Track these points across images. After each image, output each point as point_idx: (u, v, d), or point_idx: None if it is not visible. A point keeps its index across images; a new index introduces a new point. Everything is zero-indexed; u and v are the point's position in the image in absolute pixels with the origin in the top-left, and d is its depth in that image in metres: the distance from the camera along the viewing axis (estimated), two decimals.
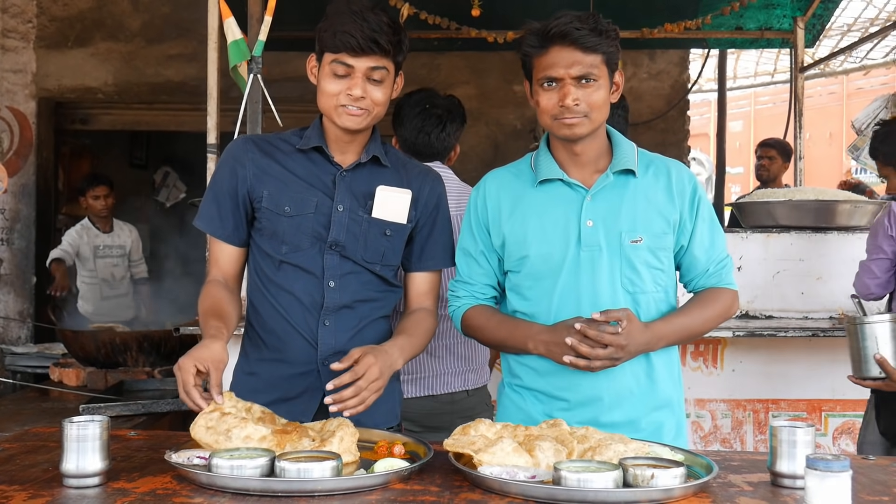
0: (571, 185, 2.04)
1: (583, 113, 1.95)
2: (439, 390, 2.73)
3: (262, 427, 1.71)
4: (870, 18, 11.04)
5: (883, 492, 1.60)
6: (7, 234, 6.75)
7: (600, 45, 1.93)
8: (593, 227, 2.00)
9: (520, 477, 1.57)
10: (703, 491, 1.57)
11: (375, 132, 2.13)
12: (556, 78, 1.94)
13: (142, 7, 6.84)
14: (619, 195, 2.03)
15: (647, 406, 2.04)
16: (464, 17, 5.29)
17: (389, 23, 1.98)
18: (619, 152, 2.05)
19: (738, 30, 6.06)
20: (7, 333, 6.69)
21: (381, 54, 1.96)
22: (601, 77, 1.95)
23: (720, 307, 2.09)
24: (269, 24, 3.36)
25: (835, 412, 3.82)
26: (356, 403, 1.84)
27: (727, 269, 2.12)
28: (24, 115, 6.75)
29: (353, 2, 1.98)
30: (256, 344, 2.15)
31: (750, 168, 6.91)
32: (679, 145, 7.32)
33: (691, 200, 2.06)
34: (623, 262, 2.00)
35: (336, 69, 1.97)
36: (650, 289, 2.03)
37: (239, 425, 1.70)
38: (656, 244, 2.02)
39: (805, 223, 3.91)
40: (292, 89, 5.54)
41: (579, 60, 1.92)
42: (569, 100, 1.92)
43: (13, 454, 1.80)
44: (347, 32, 1.94)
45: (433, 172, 2.22)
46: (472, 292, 2.15)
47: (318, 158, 2.09)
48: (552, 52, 1.94)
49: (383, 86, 2.01)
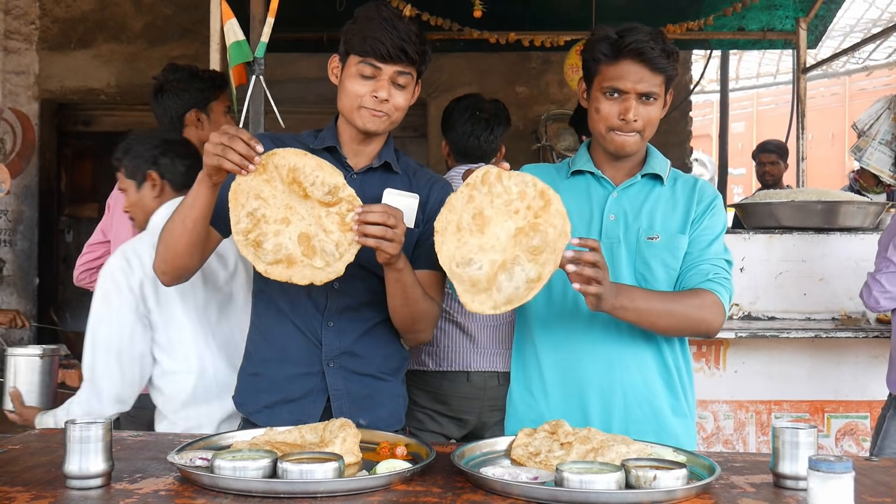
0: (600, 180, 2.11)
1: (639, 129, 2.02)
2: (473, 367, 2.91)
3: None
4: (872, 19, 11.05)
5: (886, 493, 1.60)
6: (10, 235, 6.77)
7: (667, 68, 2.00)
8: (615, 221, 2.06)
9: (522, 478, 1.57)
10: (706, 492, 1.57)
11: (389, 139, 2.15)
12: (621, 90, 1.99)
13: (144, 9, 6.86)
14: (644, 196, 2.09)
15: (663, 404, 2.05)
16: (466, 18, 5.30)
17: (417, 33, 2.02)
18: (652, 160, 2.12)
19: (740, 31, 6.06)
20: (10, 334, 6.69)
21: (407, 62, 2.00)
22: (661, 97, 2.03)
23: (694, 302, 1.98)
24: (271, 25, 3.36)
25: (837, 413, 3.82)
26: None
27: (720, 275, 2.04)
28: (26, 117, 6.77)
29: (382, 9, 2.01)
30: (260, 345, 2.15)
31: (752, 169, 6.91)
32: (681, 146, 7.32)
33: (706, 206, 2.09)
34: (638, 258, 2.04)
35: (363, 70, 2.00)
36: (664, 287, 2.05)
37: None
38: (672, 243, 2.05)
39: (807, 224, 3.91)
40: (294, 90, 5.55)
41: (647, 78, 1.99)
42: (630, 114, 1.99)
43: (16, 455, 1.81)
44: (378, 39, 1.97)
45: (442, 180, 2.23)
46: None
47: (330, 160, 2.07)
48: (623, 65, 1.99)
49: (406, 91, 2.04)
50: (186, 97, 3.02)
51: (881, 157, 4.85)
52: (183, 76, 3.03)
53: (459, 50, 6.34)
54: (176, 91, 3.02)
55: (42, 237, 6.87)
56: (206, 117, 3.05)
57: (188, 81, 3.03)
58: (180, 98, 3.02)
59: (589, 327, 2.04)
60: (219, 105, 3.09)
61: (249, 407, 2.14)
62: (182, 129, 3.03)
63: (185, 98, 3.02)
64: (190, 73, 3.05)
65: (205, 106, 3.05)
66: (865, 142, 4.83)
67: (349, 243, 1.87)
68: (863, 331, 3.65)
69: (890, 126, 4.81)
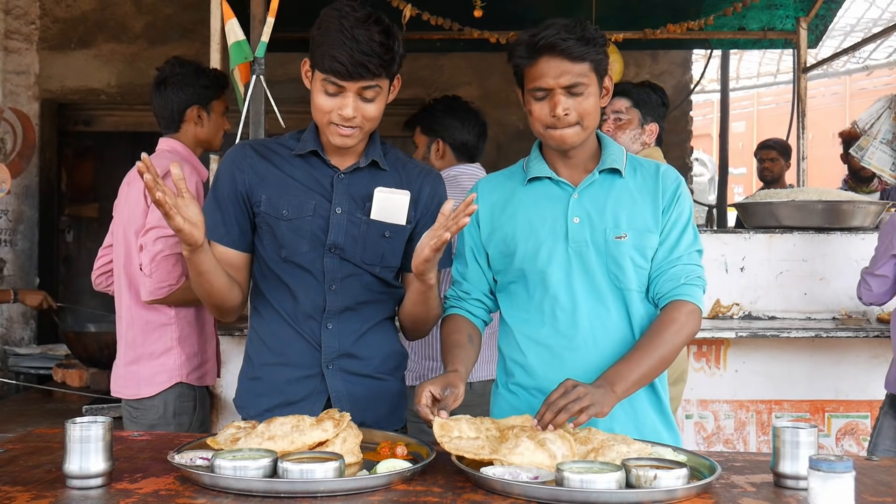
0: (559, 183, 2.06)
1: (574, 122, 1.97)
2: (475, 378, 2.85)
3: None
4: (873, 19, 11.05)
5: (886, 493, 1.60)
6: (10, 235, 6.76)
7: (588, 54, 1.94)
8: (580, 223, 2.02)
9: (522, 478, 1.57)
10: (706, 492, 1.57)
11: (374, 134, 2.11)
12: (546, 88, 1.96)
13: (144, 9, 6.85)
14: (605, 193, 2.05)
15: (643, 400, 2.05)
16: (466, 17, 5.30)
17: (381, 40, 1.91)
18: (607, 153, 2.08)
19: (740, 30, 6.05)
20: (10, 334, 6.69)
21: (370, 77, 1.93)
22: (591, 85, 1.97)
23: (672, 329, 1.94)
24: (271, 25, 3.36)
25: (838, 413, 3.82)
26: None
27: (691, 276, 2.01)
28: (27, 117, 6.76)
29: (344, 15, 1.91)
30: (259, 348, 2.14)
31: (752, 169, 6.91)
32: (682, 146, 7.31)
33: (671, 198, 2.05)
34: (609, 259, 2.01)
35: (327, 87, 1.95)
36: (635, 286, 2.03)
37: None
38: (641, 242, 2.02)
39: (808, 224, 3.91)
40: (294, 90, 5.53)
41: (567, 70, 1.94)
42: (559, 109, 1.95)
43: (16, 455, 1.81)
44: (335, 58, 1.89)
45: (434, 172, 2.21)
46: (461, 295, 2.16)
47: (315, 162, 2.09)
48: (541, 63, 1.95)
49: (376, 102, 1.99)
50: (190, 92, 2.99)
51: (882, 157, 4.84)
52: (188, 71, 3.00)
53: (459, 50, 6.34)
54: (180, 85, 2.98)
55: (42, 237, 6.86)
56: (206, 115, 3.02)
57: (193, 77, 3.00)
58: (183, 92, 2.98)
59: (574, 327, 2.02)
60: (219, 105, 3.07)
61: (250, 410, 2.13)
62: (181, 124, 3.00)
63: (188, 93, 2.98)
64: (195, 69, 3.02)
65: (207, 103, 3.02)
66: (867, 141, 4.82)
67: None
68: (863, 330, 3.65)
69: (891, 125, 4.80)
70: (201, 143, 3.06)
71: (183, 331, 2.89)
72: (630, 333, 2.03)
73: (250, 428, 1.78)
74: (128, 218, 2.89)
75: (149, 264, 2.75)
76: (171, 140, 3.01)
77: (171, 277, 2.75)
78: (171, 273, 2.75)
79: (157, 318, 2.87)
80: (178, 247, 2.76)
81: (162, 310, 2.86)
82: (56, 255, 7.12)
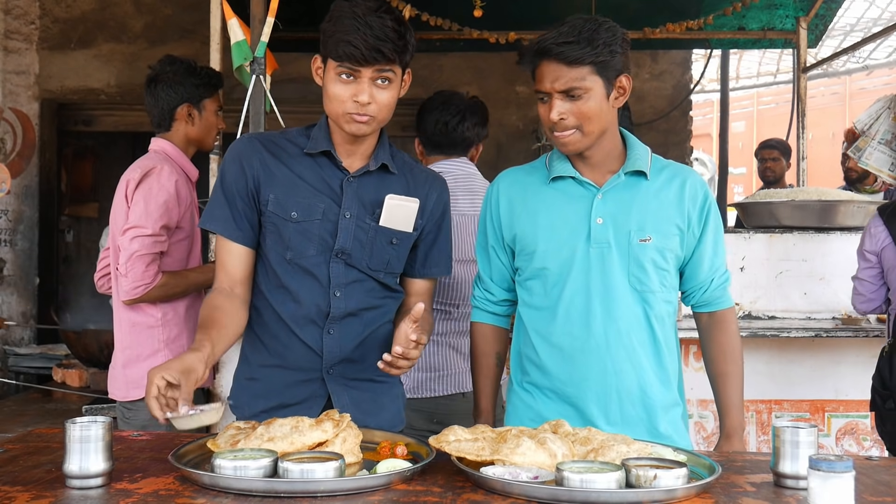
0: (583, 183, 2.05)
1: (571, 126, 1.96)
2: (469, 387, 2.73)
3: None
4: (872, 18, 11.05)
5: (886, 492, 1.60)
6: (10, 235, 6.76)
7: (587, 57, 1.92)
8: (603, 224, 2.02)
9: (522, 477, 1.57)
10: (706, 492, 1.57)
11: (383, 136, 2.09)
12: (544, 92, 1.97)
13: (144, 9, 6.86)
14: (630, 195, 2.04)
15: (656, 405, 2.05)
16: (466, 18, 5.29)
17: (394, 27, 1.92)
18: (633, 154, 2.06)
19: (740, 30, 6.06)
20: (10, 335, 6.69)
21: (385, 62, 1.92)
22: (592, 87, 1.94)
23: (733, 343, 2.19)
24: (271, 25, 3.36)
25: (838, 413, 3.82)
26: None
27: (726, 284, 2.17)
28: (26, 117, 6.77)
29: (356, 5, 1.92)
30: (258, 349, 2.12)
31: (752, 169, 6.91)
32: (682, 146, 7.32)
33: (701, 208, 2.07)
34: (631, 261, 2.01)
35: (342, 74, 1.93)
36: (657, 288, 2.04)
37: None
38: (664, 245, 2.02)
39: (808, 223, 3.91)
40: (294, 90, 5.55)
41: (564, 74, 1.93)
42: (553, 114, 1.95)
43: (16, 455, 1.80)
44: (350, 43, 1.88)
45: (440, 178, 2.19)
46: (487, 296, 2.20)
47: (325, 162, 2.05)
48: (542, 67, 1.96)
49: (390, 87, 1.96)
50: (181, 90, 2.96)
51: (880, 157, 4.83)
52: (179, 69, 2.98)
53: (459, 50, 6.34)
54: (170, 83, 2.96)
55: (42, 237, 6.86)
56: (197, 113, 3.00)
57: (184, 75, 2.97)
58: (174, 91, 2.96)
59: (587, 329, 2.03)
60: (212, 103, 3.04)
61: (246, 411, 2.10)
62: (172, 122, 2.98)
63: (179, 91, 2.96)
64: (187, 67, 3.00)
65: (198, 102, 2.99)
66: (865, 141, 4.82)
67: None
68: (863, 330, 3.65)
69: (890, 126, 4.80)
70: (193, 142, 3.03)
71: (171, 332, 2.87)
72: (646, 335, 2.04)
73: (250, 429, 1.78)
74: (113, 219, 2.90)
75: (125, 263, 2.73)
76: (161, 140, 2.99)
77: (146, 277, 2.73)
78: (145, 273, 2.72)
79: (144, 320, 2.85)
80: (154, 246, 2.76)
81: (148, 311, 2.84)
82: (56, 255, 7.13)
